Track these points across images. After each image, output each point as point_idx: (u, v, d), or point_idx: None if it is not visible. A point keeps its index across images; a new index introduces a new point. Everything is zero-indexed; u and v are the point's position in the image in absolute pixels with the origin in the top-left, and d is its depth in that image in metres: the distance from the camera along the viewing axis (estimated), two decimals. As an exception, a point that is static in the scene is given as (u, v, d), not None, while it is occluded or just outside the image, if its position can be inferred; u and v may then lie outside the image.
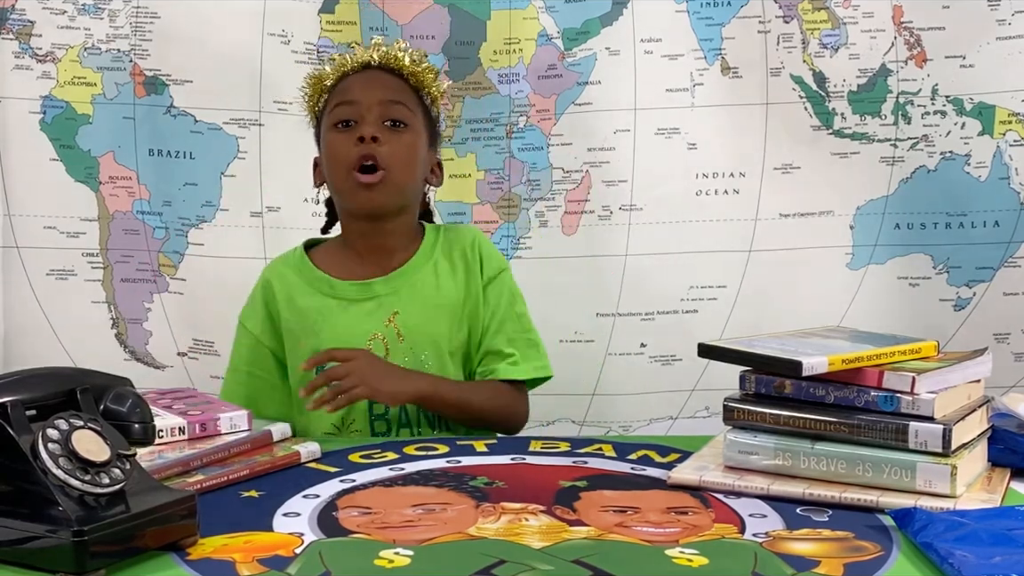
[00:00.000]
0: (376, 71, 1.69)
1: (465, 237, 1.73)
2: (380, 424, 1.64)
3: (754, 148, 2.11)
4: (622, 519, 1.16)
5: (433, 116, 1.73)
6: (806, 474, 1.24)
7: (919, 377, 1.20)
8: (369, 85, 1.67)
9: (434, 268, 1.69)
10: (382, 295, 1.67)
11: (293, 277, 1.70)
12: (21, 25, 2.07)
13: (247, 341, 1.72)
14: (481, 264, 1.70)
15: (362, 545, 1.08)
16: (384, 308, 1.66)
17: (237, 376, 1.72)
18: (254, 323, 1.71)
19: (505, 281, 1.72)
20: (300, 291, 1.69)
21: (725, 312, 2.12)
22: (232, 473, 1.29)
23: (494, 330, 1.69)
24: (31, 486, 1.00)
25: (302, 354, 1.65)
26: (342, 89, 1.68)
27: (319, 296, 1.68)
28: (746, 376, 1.30)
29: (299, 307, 1.68)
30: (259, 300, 1.72)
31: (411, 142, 1.66)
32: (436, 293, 1.67)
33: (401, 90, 1.68)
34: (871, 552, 1.07)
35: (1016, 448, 1.32)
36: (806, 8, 2.08)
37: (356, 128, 1.63)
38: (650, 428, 2.16)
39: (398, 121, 1.65)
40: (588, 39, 2.09)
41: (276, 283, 1.71)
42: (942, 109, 2.08)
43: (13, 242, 2.11)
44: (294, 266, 1.72)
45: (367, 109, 1.64)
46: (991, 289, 2.10)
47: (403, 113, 1.66)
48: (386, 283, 1.67)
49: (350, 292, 1.68)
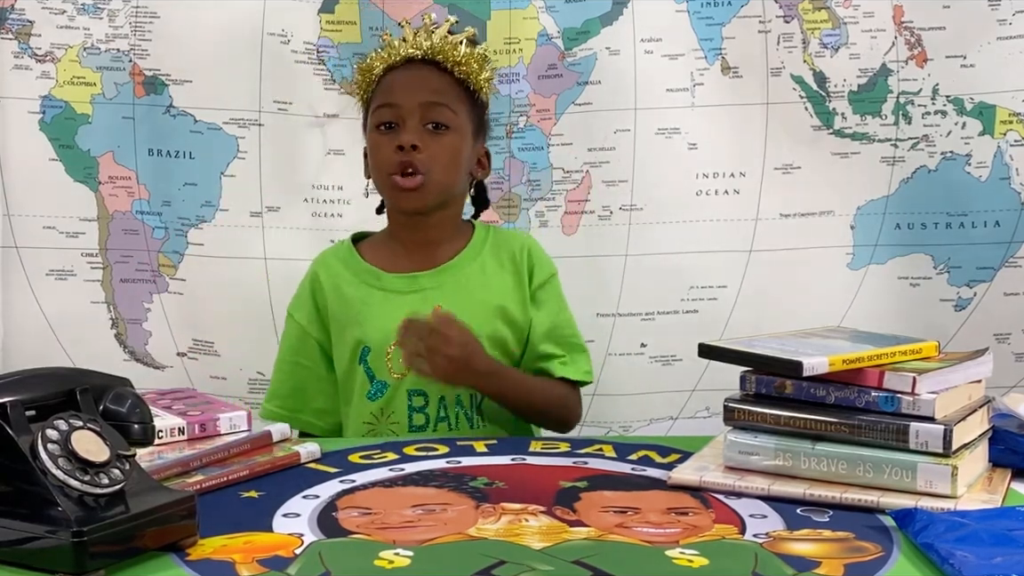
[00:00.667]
0: (420, 66, 1.68)
1: (516, 240, 1.76)
2: (419, 417, 1.66)
3: (754, 148, 2.11)
4: (622, 520, 1.15)
5: (480, 104, 1.72)
6: (807, 474, 1.24)
7: (920, 377, 1.20)
8: (411, 86, 1.66)
9: (482, 266, 1.71)
10: (427, 288, 1.68)
11: (340, 268, 1.72)
12: (20, 25, 2.07)
13: (294, 332, 1.74)
14: (532, 269, 1.72)
15: (362, 546, 1.08)
16: (428, 301, 1.66)
17: (284, 366, 1.75)
18: (301, 314, 1.73)
19: (555, 286, 1.75)
20: (347, 281, 1.71)
21: (725, 312, 2.11)
22: (232, 473, 1.29)
23: (544, 334, 1.71)
24: (30, 486, 1.00)
25: (346, 344, 1.67)
26: (386, 88, 1.68)
27: (365, 287, 1.69)
28: (746, 376, 1.30)
29: (345, 297, 1.69)
30: (307, 291, 1.74)
31: (452, 144, 1.66)
32: (481, 290, 1.68)
33: (444, 89, 1.67)
34: (872, 553, 1.06)
35: (1017, 448, 1.32)
36: (806, 8, 2.07)
37: (397, 132, 1.64)
38: (650, 428, 2.16)
39: (440, 124, 1.65)
40: (588, 39, 2.09)
41: (323, 274, 1.73)
42: (942, 109, 2.07)
43: (12, 242, 2.10)
44: (341, 258, 1.74)
45: (408, 113, 1.64)
46: (992, 289, 2.10)
47: (445, 115, 1.66)
48: (432, 277, 1.69)
49: (396, 284, 1.69)
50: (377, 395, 1.66)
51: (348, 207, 2.11)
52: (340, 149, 2.11)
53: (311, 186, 2.12)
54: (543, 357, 1.71)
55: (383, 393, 1.66)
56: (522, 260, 1.72)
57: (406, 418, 1.65)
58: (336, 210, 2.12)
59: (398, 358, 1.63)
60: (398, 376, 1.65)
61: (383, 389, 1.66)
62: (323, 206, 2.12)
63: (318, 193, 2.12)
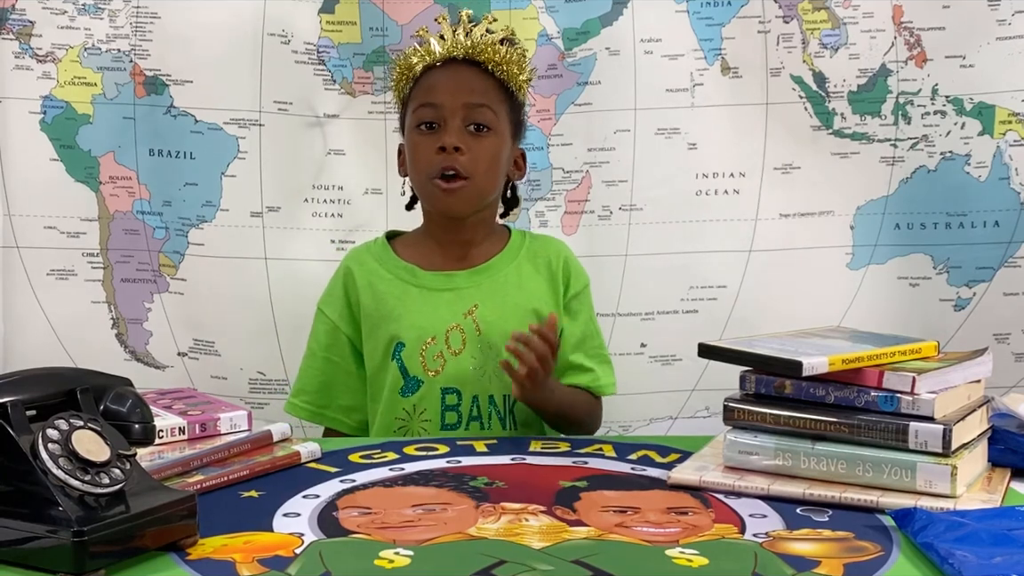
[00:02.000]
0: (461, 66, 1.67)
1: (552, 247, 1.76)
2: (451, 415, 1.66)
3: (754, 148, 2.11)
4: (622, 519, 1.16)
5: (518, 105, 1.71)
6: (806, 474, 1.24)
7: (919, 377, 1.20)
8: (453, 86, 1.65)
9: (517, 270, 1.71)
10: (463, 287, 1.68)
11: (374, 264, 1.72)
12: (21, 25, 2.07)
13: (325, 327, 1.74)
14: (569, 277, 1.73)
15: (362, 545, 1.08)
16: (464, 300, 1.67)
17: (314, 361, 1.74)
18: (332, 309, 1.73)
19: (588, 296, 1.76)
20: (380, 277, 1.70)
21: (725, 312, 2.11)
22: (232, 473, 1.29)
23: (575, 344, 1.71)
24: (31, 486, 1.00)
25: (379, 340, 1.67)
26: (427, 87, 1.67)
27: (399, 283, 1.69)
28: (746, 376, 1.30)
29: (379, 292, 1.69)
30: (339, 287, 1.73)
31: (494, 146, 1.66)
32: (517, 292, 1.69)
33: (486, 90, 1.66)
34: (871, 552, 1.07)
35: (1016, 448, 1.32)
36: (806, 8, 2.08)
37: (438, 133, 1.63)
38: (650, 428, 2.16)
39: (482, 125, 1.64)
40: (588, 39, 2.09)
41: (356, 269, 1.72)
42: (942, 109, 2.07)
43: (13, 242, 2.10)
44: (375, 254, 1.74)
45: (451, 113, 1.63)
46: (991, 289, 2.10)
47: (487, 116, 1.65)
48: (468, 276, 1.69)
49: (431, 281, 1.69)
50: (410, 391, 1.66)
51: (348, 207, 2.11)
52: (340, 149, 2.11)
53: (311, 186, 2.12)
54: (573, 367, 1.71)
55: (417, 390, 1.66)
56: (558, 268, 1.73)
57: (439, 416, 1.65)
58: (336, 210, 2.12)
59: (433, 354, 1.64)
60: (433, 373, 1.65)
61: (417, 386, 1.66)
62: (323, 206, 2.12)
63: (318, 193, 2.12)
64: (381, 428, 1.68)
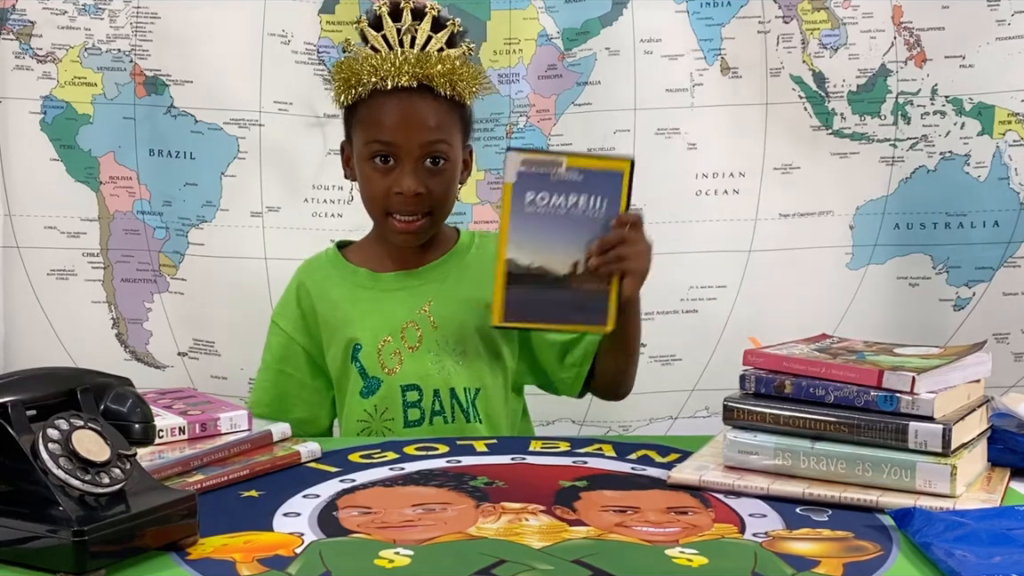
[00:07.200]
0: (415, 97, 1.58)
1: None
2: (414, 411, 1.65)
3: (754, 148, 2.11)
4: (622, 519, 1.16)
5: (468, 110, 1.66)
6: (806, 474, 1.24)
7: (919, 377, 1.20)
8: (407, 125, 1.58)
9: (469, 264, 1.70)
10: (415, 285, 1.68)
11: (327, 272, 1.72)
12: (21, 25, 2.07)
13: (279, 340, 1.73)
14: None
15: (362, 545, 1.08)
16: (417, 297, 1.67)
17: (267, 374, 1.73)
18: (286, 321, 1.72)
19: None
20: (334, 284, 1.70)
21: (725, 312, 2.12)
22: (232, 473, 1.29)
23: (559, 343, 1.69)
24: (31, 486, 1.00)
25: (339, 346, 1.67)
26: (377, 120, 1.59)
27: (353, 288, 1.69)
28: (746, 375, 1.30)
29: (333, 299, 1.69)
30: (292, 298, 1.73)
31: (451, 172, 1.63)
32: (470, 286, 1.67)
33: (440, 123, 1.60)
34: (871, 552, 1.07)
35: (1016, 448, 1.32)
36: (806, 8, 2.08)
37: (394, 171, 1.59)
38: (650, 428, 2.16)
39: (438, 158, 1.60)
40: (588, 39, 2.10)
41: (308, 280, 1.72)
42: (942, 109, 2.08)
43: (13, 242, 2.11)
44: (327, 263, 1.73)
45: (407, 153, 1.58)
46: (991, 289, 2.10)
47: (443, 149, 1.60)
48: (420, 275, 1.69)
49: (383, 283, 1.69)
50: (370, 392, 1.65)
51: (348, 207, 2.11)
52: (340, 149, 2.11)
53: (311, 186, 2.12)
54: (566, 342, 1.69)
55: (377, 389, 1.65)
56: None
57: (401, 414, 1.65)
58: (336, 210, 2.12)
59: (389, 352, 1.64)
60: (390, 371, 1.65)
61: (377, 385, 1.66)
62: (323, 206, 2.12)
63: (318, 193, 2.12)
64: (348, 432, 1.67)
